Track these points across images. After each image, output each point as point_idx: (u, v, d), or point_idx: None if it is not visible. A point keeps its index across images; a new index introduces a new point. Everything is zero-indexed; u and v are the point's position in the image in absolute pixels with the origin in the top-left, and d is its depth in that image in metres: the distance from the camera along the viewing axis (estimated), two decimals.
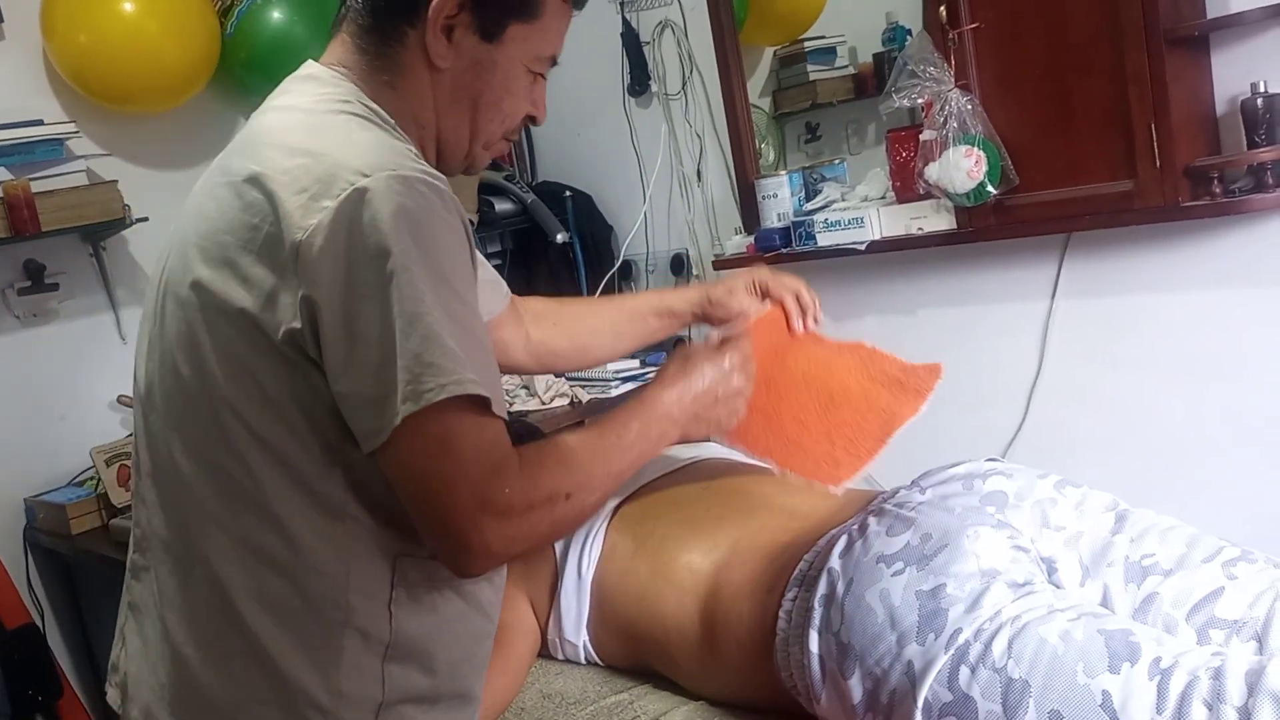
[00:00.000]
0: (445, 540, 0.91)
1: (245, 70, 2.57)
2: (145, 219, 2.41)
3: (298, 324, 0.90)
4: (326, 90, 1.05)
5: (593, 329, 1.60)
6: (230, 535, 0.97)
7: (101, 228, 2.41)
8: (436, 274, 0.90)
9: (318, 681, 0.97)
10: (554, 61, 1.14)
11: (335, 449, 0.95)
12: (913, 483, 1.35)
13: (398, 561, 0.99)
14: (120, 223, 2.39)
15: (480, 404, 0.90)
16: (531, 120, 1.16)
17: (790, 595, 1.25)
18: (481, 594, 1.08)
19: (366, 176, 0.90)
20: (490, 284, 1.45)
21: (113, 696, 1.12)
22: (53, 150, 2.32)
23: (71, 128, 2.37)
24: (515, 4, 1.07)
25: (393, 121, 1.05)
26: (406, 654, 1.01)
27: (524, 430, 1.66)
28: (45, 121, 2.35)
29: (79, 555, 2.31)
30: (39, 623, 2.42)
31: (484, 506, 0.89)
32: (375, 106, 1.05)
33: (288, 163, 0.94)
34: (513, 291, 1.56)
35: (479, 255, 1.31)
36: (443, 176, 0.98)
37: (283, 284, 0.91)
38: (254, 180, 0.95)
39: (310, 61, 1.10)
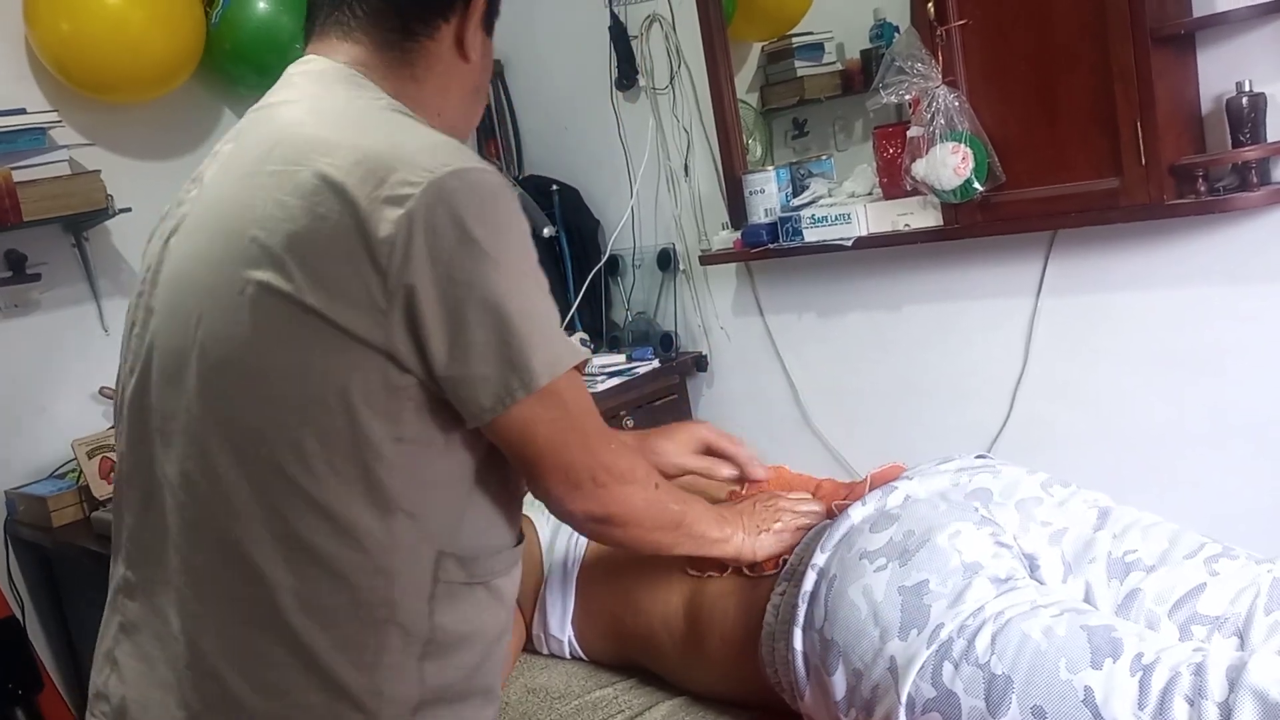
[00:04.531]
0: (579, 481, 1.02)
1: (230, 61, 2.56)
2: (128, 209, 2.39)
3: (381, 317, 0.92)
4: (364, 91, 1.05)
5: None
6: (275, 534, 0.94)
7: (84, 218, 2.39)
8: (519, 256, 0.97)
9: (362, 682, 0.96)
10: None
11: (398, 441, 0.95)
12: (900, 477, 1.35)
13: (439, 558, 1.00)
14: (103, 213, 2.37)
15: (578, 370, 1.00)
16: None
17: (779, 590, 1.25)
18: (505, 588, 1.08)
19: (440, 170, 0.93)
20: None
21: None
22: (35, 139, 2.30)
23: (54, 117, 2.34)
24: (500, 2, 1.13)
25: (417, 118, 1.06)
26: (442, 651, 1.01)
27: None
28: (28, 110, 2.32)
29: (60, 548, 2.30)
30: (19, 616, 2.40)
31: (599, 465, 1.03)
32: (402, 106, 1.06)
33: (356, 158, 0.94)
34: None
35: None
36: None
37: (364, 279, 0.91)
38: (321, 177, 0.93)
39: (318, 58, 1.08)
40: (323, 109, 1.03)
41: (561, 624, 1.48)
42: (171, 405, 0.99)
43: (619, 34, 2.76)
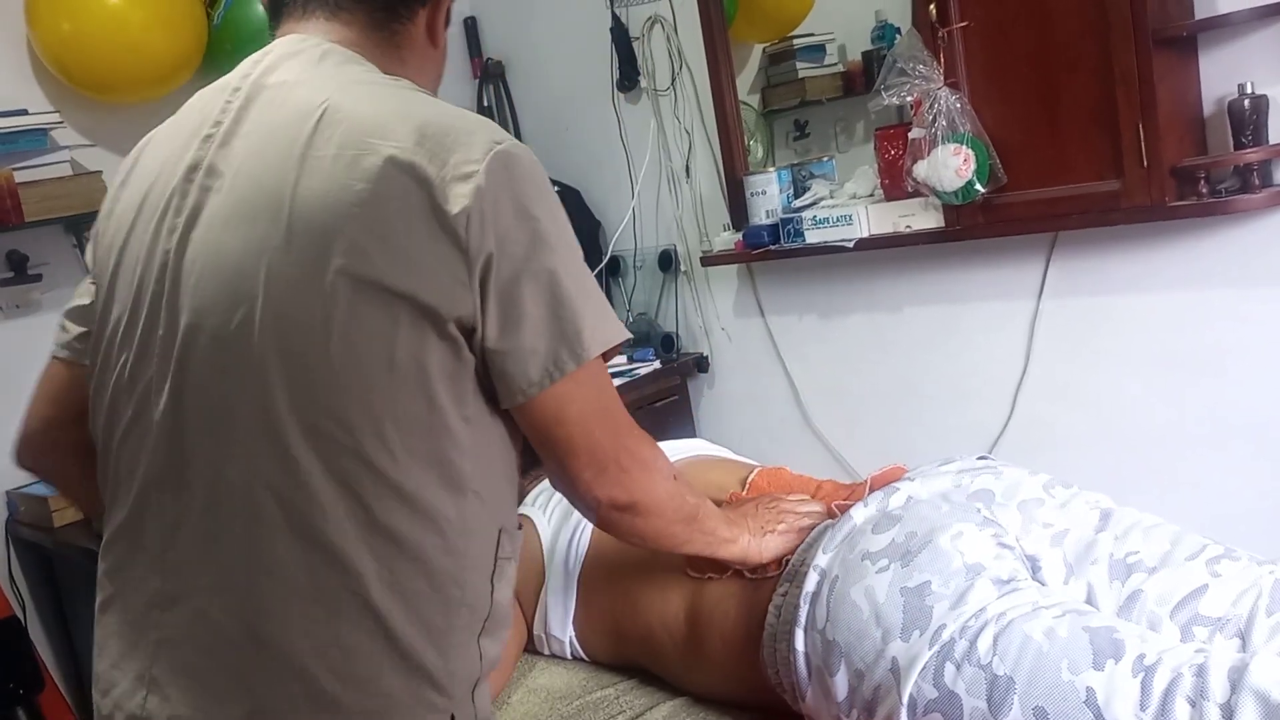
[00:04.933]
0: (605, 464, 1.03)
1: (232, 61, 2.49)
2: None
3: (465, 291, 0.93)
4: (374, 71, 1.05)
5: None
6: (359, 523, 0.94)
7: (85, 219, 2.39)
8: (569, 233, 0.99)
9: (439, 662, 0.97)
10: None
11: (465, 421, 0.97)
12: (903, 478, 1.35)
13: (500, 535, 1.03)
14: None
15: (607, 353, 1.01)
16: None
17: (781, 590, 1.25)
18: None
19: (495, 147, 0.95)
20: None
21: None
22: (36, 140, 2.30)
23: (56, 118, 2.34)
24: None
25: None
26: (494, 627, 1.03)
27: None
28: (29, 111, 2.32)
29: (60, 548, 2.30)
30: (20, 616, 2.40)
31: (624, 449, 1.04)
32: (414, 84, 1.07)
33: (416, 139, 0.94)
34: None
35: None
36: None
37: (446, 254, 0.93)
38: (389, 160, 0.93)
39: (307, 38, 1.07)
40: (350, 89, 1.00)
41: (563, 625, 1.49)
42: (227, 406, 0.96)
43: (620, 35, 2.76)
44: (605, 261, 2.93)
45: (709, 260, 2.66)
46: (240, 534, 0.95)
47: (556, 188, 2.88)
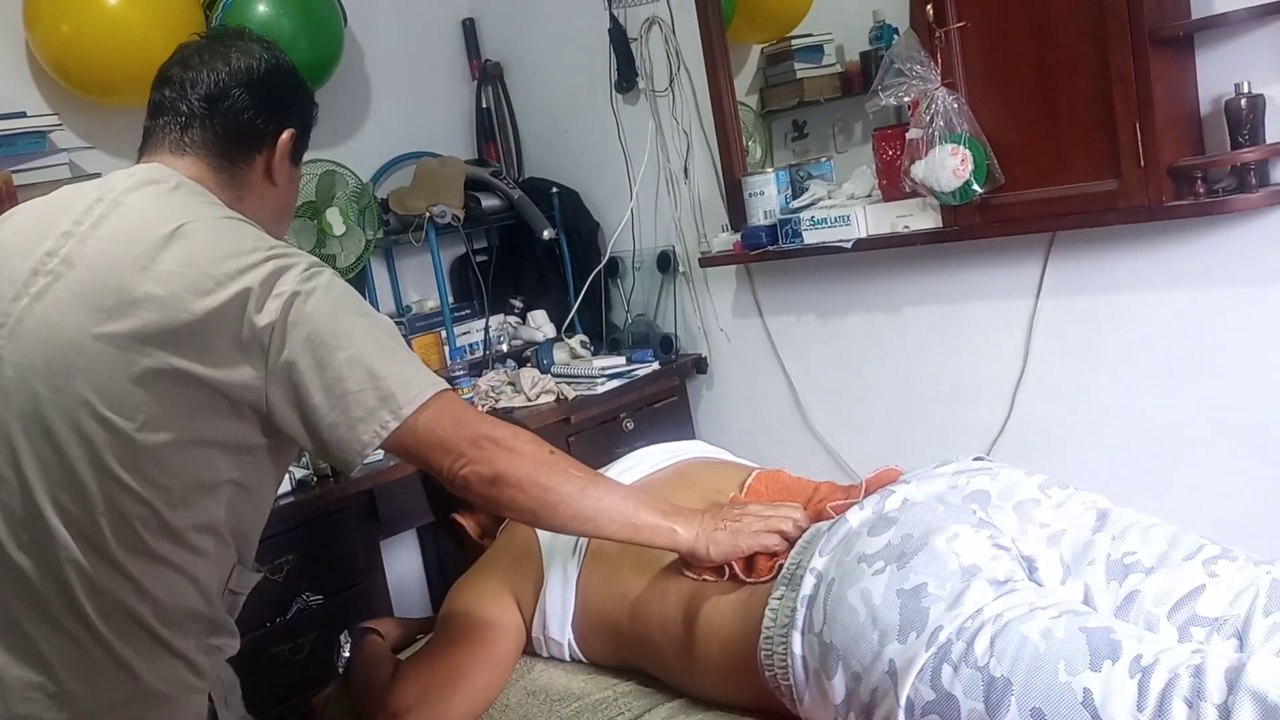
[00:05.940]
0: (460, 449, 1.19)
1: None
2: None
3: (260, 384, 1.13)
4: (216, 204, 1.25)
5: None
6: (133, 547, 1.15)
7: None
8: (372, 322, 1.20)
9: (193, 652, 1.22)
10: None
11: (236, 486, 1.20)
12: (899, 480, 1.35)
13: (234, 568, 1.27)
14: None
15: (449, 391, 1.22)
16: None
17: (777, 594, 1.25)
18: (238, 610, 1.32)
19: (309, 267, 1.17)
20: None
21: None
22: (35, 143, 2.30)
23: (54, 120, 2.34)
24: (308, 139, 1.40)
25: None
26: (217, 631, 1.26)
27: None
28: (28, 114, 2.32)
29: None
30: None
31: (478, 434, 1.21)
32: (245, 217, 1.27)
33: (246, 261, 1.15)
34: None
35: None
36: None
37: (249, 356, 1.13)
38: (219, 277, 1.13)
39: (163, 169, 1.26)
40: (198, 219, 1.19)
41: (561, 627, 1.49)
42: (36, 453, 1.14)
43: (618, 36, 2.77)
44: (604, 263, 2.93)
45: (707, 261, 2.66)
46: (47, 553, 1.15)
47: (555, 189, 2.90)
